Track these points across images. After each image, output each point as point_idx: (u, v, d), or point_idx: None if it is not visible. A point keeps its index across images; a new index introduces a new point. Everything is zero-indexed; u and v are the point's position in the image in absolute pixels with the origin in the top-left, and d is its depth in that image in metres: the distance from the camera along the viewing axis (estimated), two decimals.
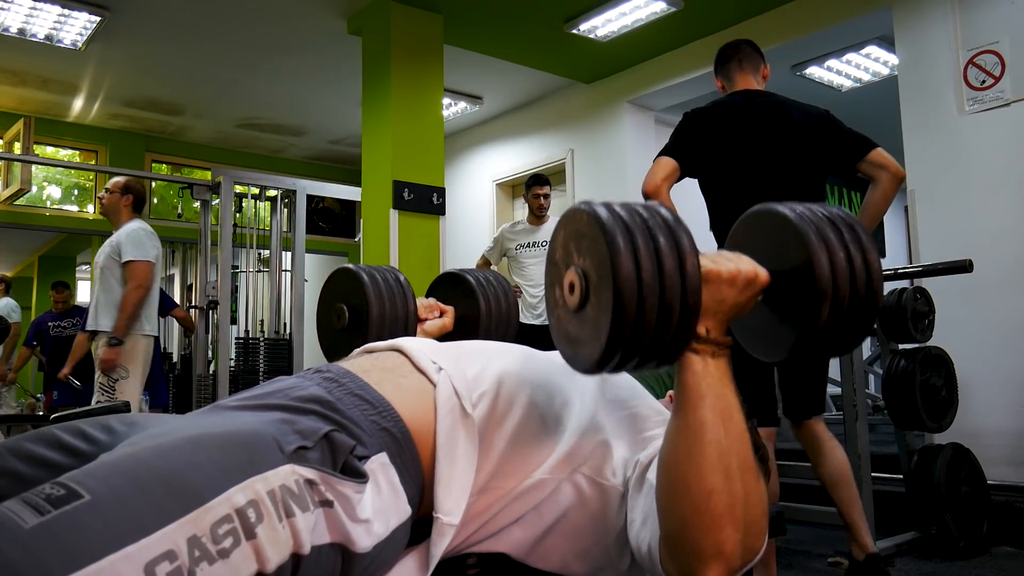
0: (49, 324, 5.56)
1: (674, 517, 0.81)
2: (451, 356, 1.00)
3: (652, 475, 0.88)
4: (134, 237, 3.66)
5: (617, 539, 0.94)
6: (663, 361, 0.81)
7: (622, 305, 0.74)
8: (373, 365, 0.98)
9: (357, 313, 1.34)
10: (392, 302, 1.33)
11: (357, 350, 1.10)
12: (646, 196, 2.20)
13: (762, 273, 0.86)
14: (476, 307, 1.42)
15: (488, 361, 1.01)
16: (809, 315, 0.83)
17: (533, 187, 4.50)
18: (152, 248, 3.68)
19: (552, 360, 1.08)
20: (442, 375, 0.95)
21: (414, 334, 1.34)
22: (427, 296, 1.48)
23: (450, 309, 1.44)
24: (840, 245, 0.83)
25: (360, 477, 0.80)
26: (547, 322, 3.29)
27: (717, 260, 0.84)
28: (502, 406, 0.95)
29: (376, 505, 0.81)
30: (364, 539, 0.79)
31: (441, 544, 0.87)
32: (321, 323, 1.43)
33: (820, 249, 0.83)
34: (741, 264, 0.85)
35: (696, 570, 0.80)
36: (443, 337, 1.42)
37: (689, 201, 2.37)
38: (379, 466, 0.83)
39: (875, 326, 2.98)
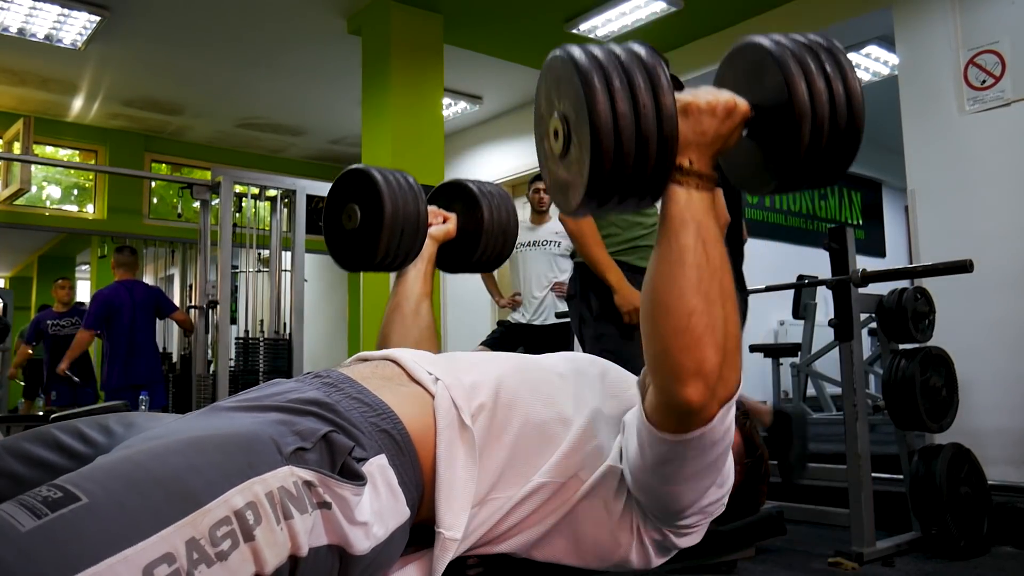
0: (48, 322, 5.57)
1: (657, 341, 0.82)
2: (447, 367, 1.00)
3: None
4: None
5: (621, 518, 0.94)
6: (648, 194, 0.81)
7: (599, 138, 0.76)
8: (373, 373, 0.98)
9: (369, 214, 1.28)
10: (405, 203, 1.28)
11: (352, 358, 1.09)
12: None
13: (741, 103, 0.86)
14: (479, 214, 1.40)
15: (484, 371, 1.00)
16: (790, 145, 0.83)
17: (535, 182, 4.51)
18: None
19: (546, 366, 1.08)
20: (439, 386, 0.95)
21: (425, 236, 1.32)
22: (428, 204, 1.45)
23: (452, 216, 1.43)
24: (819, 72, 0.82)
25: (358, 479, 0.79)
26: (545, 322, 3.28)
27: (696, 93, 0.85)
28: (501, 418, 0.94)
29: (374, 507, 0.80)
30: (362, 541, 0.78)
31: (444, 558, 0.86)
32: (329, 226, 1.36)
33: (798, 77, 0.82)
34: (720, 95, 0.85)
35: (677, 391, 0.80)
36: (446, 246, 1.42)
37: None
38: (378, 468, 0.83)
39: (875, 326, 2.98)
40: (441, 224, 1.41)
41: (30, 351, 5.74)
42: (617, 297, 2.35)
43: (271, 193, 4.69)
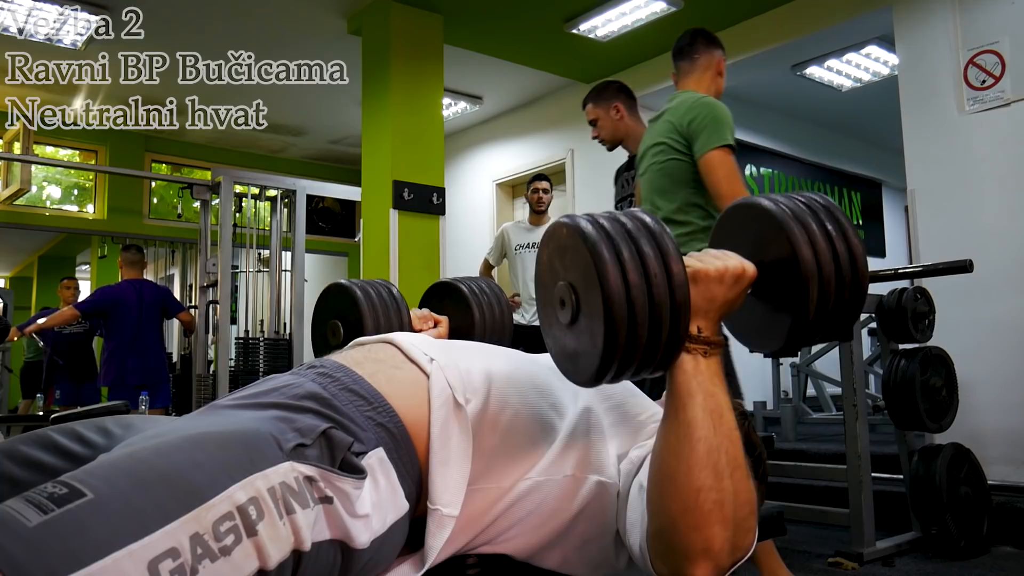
0: None
1: (663, 515, 0.81)
2: (443, 350, 1.00)
3: (644, 476, 0.89)
4: None
5: (616, 537, 0.94)
6: (660, 364, 0.81)
7: (611, 310, 0.75)
8: (366, 357, 0.98)
9: (352, 328, 1.34)
10: (386, 315, 1.33)
11: (349, 344, 1.10)
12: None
13: (749, 267, 0.87)
14: (470, 316, 1.40)
15: (479, 359, 1.01)
16: (799, 305, 0.84)
17: (533, 182, 4.51)
18: None
19: (541, 361, 1.07)
20: (434, 366, 0.95)
21: None
22: (420, 307, 1.47)
23: (444, 319, 1.43)
24: (822, 233, 0.84)
25: (358, 473, 0.80)
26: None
27: (703, 259, 0.86)
28: (494, 404, 0.94)
29: (374, 500, 0.81)
30: (363, 535, 0.79)
31: (441, 535, 0.86)
32: (316, 340, 1.43)
33: (802, 239, 0.84)
34: (728, 261, 0.86)
35: (684, 569, 0.80)
36: None
37: None
38: (376, 462, 0.83)
39: (875, 326, 2.98)
40: (432, 329, 1.40)
41: (14, 338, 5.61)
42: None
43: (271, 193, 4.69)
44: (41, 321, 5.08)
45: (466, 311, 1.41)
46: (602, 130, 3.12)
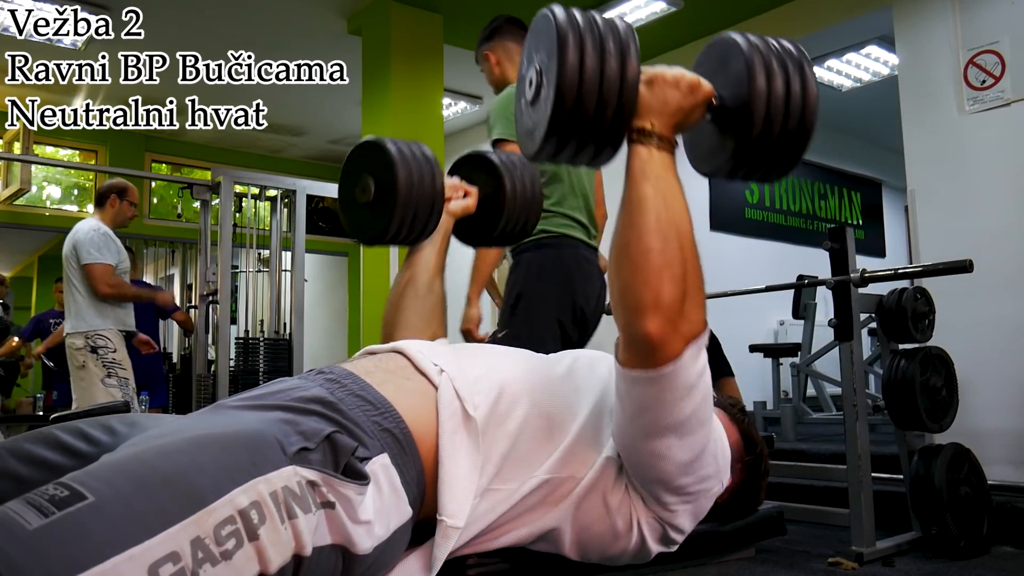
0: (51, 321, 5.56)
1: (619, 279, 0.86)
2: (453, 358, 1.00)
3: None
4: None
5: (619, 511, 0.95)
6: (606, 143, 0.88)
7: (563, 78, 0.82)
8: (376, 367, 0.98)
9: (384, 187, 1.24)
10: (420, 177, 1.24)
11: (359, 352, 1.10)
12: None
13: (706, 84, 0.92)
14: (501, 188, 1.35)
15: (491, 364, 1.01)
16: (744, 126, 0.89)
17: None
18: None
19: (549, 361, 1.08)
20: (443, 377, 0.95)
21: (441, 212, 1.28)
22: (450, 175, 1.41)
23: (474, 190, 1.38)
24: (780, 69, 0.90)
25: (362, 479, 0.80)
26: None
27: (664, 67, 0.92)
28: (504, 408, 0.95)
29: (377, 506, 0.81)
30: (365, 541, 0.79)
31: (446, 546, 0.86)
32: (344, 199, 1.33)
33: (760, 67, 0.89)
34: (687, 73, 0.92)
35: (638, 323, 0.84)
36: (466, 219, 1.38)
37: None
38: (380, 467, 0.83)
39: (875, 326, 2.98)
40: (461, 199, 1.36)
41: (14, 343, 5.71)
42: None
43: (271, 193, 4.69)
44: (45, 346, 5.15)
45: (497, 182, 1.36)
46: None
